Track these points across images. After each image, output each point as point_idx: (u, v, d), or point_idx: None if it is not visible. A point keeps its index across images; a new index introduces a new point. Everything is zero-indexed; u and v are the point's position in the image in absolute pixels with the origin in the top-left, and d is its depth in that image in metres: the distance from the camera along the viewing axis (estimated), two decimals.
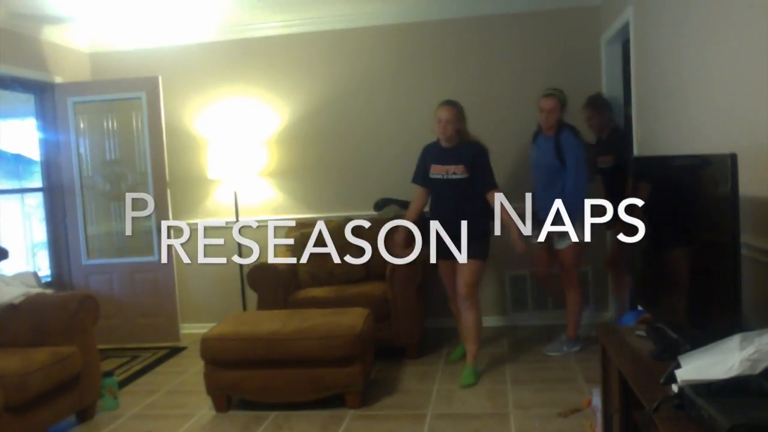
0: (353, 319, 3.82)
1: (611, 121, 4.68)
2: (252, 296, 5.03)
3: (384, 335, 4.42)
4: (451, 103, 4.07)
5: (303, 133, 5.48)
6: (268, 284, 4.63)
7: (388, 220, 4.98)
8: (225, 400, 3.82)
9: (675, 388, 1.68)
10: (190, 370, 4.61)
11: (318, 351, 3.64)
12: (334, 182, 5.48)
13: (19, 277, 4.03)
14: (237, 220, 5.44)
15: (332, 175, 5.49)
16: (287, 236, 5.15)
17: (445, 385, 3.99)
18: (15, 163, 7.91)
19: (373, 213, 5.22)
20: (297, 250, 4.99)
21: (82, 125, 5.39)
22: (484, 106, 5.08)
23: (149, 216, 5.33)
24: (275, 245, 5.25)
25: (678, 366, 1.72)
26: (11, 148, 7.77)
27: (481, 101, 5.09)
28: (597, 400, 2.90)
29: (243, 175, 5.30)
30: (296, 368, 3.69)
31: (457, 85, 5.17)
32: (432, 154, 4.17)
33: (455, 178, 4.04)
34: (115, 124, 5.41)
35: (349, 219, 5.07)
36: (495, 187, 4.03)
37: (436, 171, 4.11)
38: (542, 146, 4.39)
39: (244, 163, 5.24)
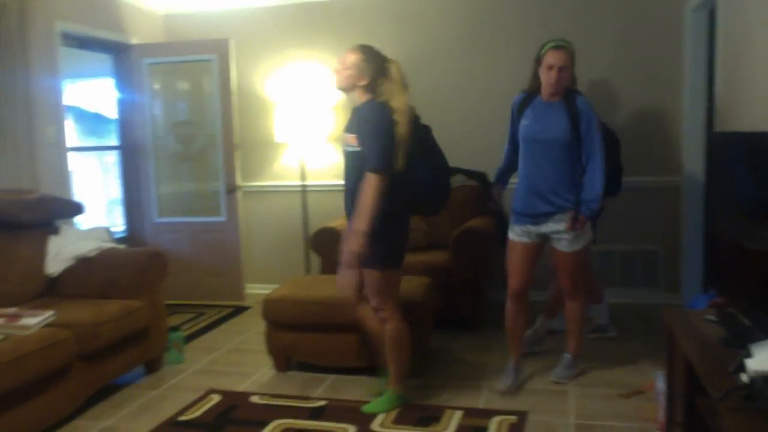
0: (413, 287, 3.81)
1: None
2: (316, 260, 5.08)
3: (444, 305, 4.39)
4: (352, 48, 3.18)
5: None
6: (331, 248, 4.66)
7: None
8: (284, 360, 3.90)
9: (745, 377, 1.60)
10: (253, 329, 4.71)
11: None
12: None
13: (93, 232, 4.18)
14: (303, 184, 5.49)
15: None
16: None
17: (504, 359, 3.94)
18: (94, 121, 8.21)
19: None
20: None
21: (156, 86, 5.51)
22: None
23: (217, 177, 5.44)
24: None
25: (749, 355, 1.63)
26: (91, 107, 8.06)
27: None
28: (661, 384, 2.81)
29: (310, 139, 5.32)
30: (352, 334, 3.72)
31: (529, 53, 5.00)
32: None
33: (350, 152, 3.17)
34: (187, 86, 5.50)
35: None
36: (371, 169, 2.99)
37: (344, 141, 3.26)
38: (544, 116, 3.40)
39: (311, 127, 5.26)
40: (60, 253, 3.87)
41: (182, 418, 3.29)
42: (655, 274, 5.02)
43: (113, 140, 5.77)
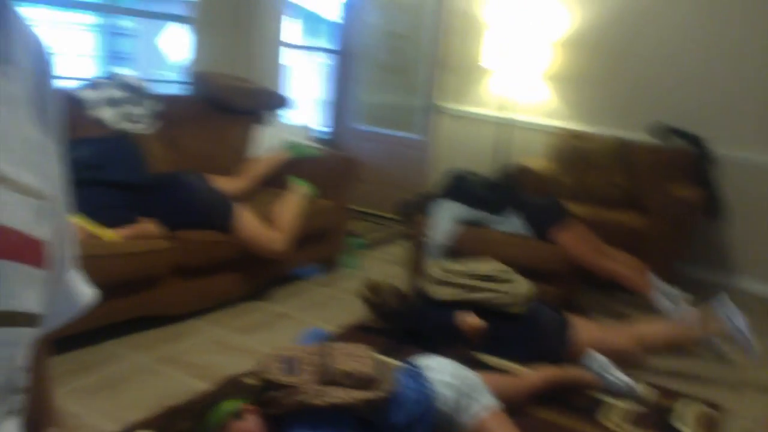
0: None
1: None
2: None
3: None
4: None
5: (593, 39, 5.06)
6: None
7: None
8: None
9: None
10: None
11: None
12: (615, 97, 5.05)
13: (295, 128, 4.35)
14: (504, 116, 5.31)
15: (614, 89, 5.05)
16: (555, 144, 4.92)
17: None
18: (316, 22, 8.50)
19: (646, 138, 4.76)
20: (561, 160, 4.78)
21: None
22: None
23: (419, 94, 5.42)
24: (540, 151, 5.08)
25: None
26: (313, 8, 8.35)
27: None
28: None
29: (522, 71, 5.09)
30: None
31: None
32: None
33: None
34: None
35: (622, 142, 4.69)
36: None
37: None
38: None
39: (525, 59, 5.02)
40: (264, 142, 4.09)
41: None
42: None
43: (329, 43, 5.92)
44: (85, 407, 2.38)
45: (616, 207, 4.45)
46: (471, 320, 2.92)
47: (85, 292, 0.66)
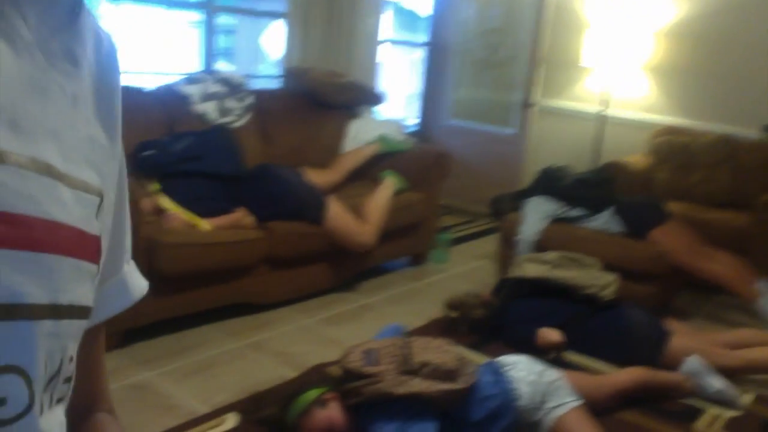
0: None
1: None
2: None
3: None
4: None
5: (699, 29, 4.80)
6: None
7: None
8: None
9: None
10: None
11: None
12: (720, 90, 4.77)
13: (388, 123, 4.38)
14: (603, 112, 5.13)
15: (719, 82, 4.77)
16: (655, 140, 4.72)
17: None
18: (408, 17, 8.53)
19: (755, 135, 4.47)
20: (660, 156, 4.58)
21: None
22: None
23: (514, 90, 5.32)
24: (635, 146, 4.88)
25: None
26: (407, 4, 8.37)
27: None
28: None
29: (622, 64, 4.90)
30: None
31: None
32: None
33: None
34: None
35: (728, 138, 4.44)
36: None
37: None
38: None
39: (625, 51, 4.83)
40: (357, 137, 4.14)
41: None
42: None
43: (421, 37, 5.91)
44: (178, 388, 2.50)
45: (720, 206, 4.22)
46: (550, 336, 2.85)
47: (139, 284, 0.67)
